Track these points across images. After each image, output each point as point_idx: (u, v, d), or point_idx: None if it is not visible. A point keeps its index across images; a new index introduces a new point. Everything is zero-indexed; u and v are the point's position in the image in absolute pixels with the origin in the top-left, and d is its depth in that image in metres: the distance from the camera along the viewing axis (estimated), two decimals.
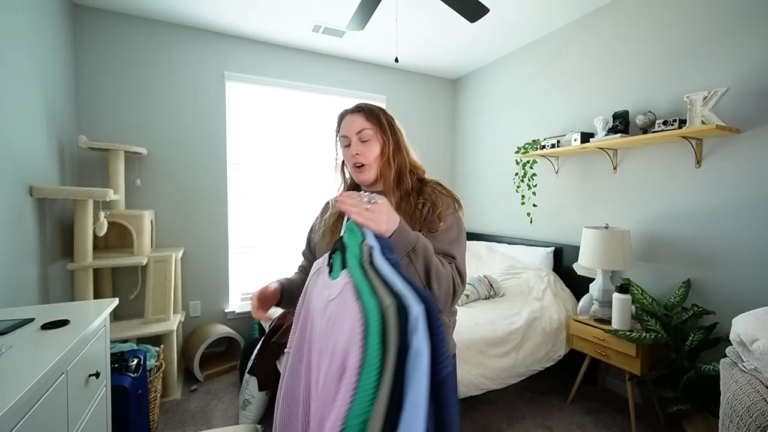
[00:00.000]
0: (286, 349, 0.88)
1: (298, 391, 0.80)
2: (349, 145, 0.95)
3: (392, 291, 0.59)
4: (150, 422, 1.94)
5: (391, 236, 0.75)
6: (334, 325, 0.66)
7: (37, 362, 0.94)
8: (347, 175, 1.06)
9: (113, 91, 2.60)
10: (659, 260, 2.19)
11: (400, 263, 0.69)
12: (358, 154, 0.93)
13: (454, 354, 1.05)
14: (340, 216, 1.00)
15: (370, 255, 0.68)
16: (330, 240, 0.99)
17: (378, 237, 0.71)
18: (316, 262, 0.86)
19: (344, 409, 0.53)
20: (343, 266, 0.72)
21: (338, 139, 0.99)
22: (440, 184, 1.01)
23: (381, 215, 0.73)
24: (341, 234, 0.76)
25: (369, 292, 0.61)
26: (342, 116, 0.98)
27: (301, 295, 0.85)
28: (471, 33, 2.90)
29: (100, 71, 2.56)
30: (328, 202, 1.10)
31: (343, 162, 1.03)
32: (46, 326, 1.17)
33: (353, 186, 1.07)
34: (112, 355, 1.76)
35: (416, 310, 0.55)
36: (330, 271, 0.76)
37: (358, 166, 0.94)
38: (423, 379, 0.50)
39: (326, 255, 0.81)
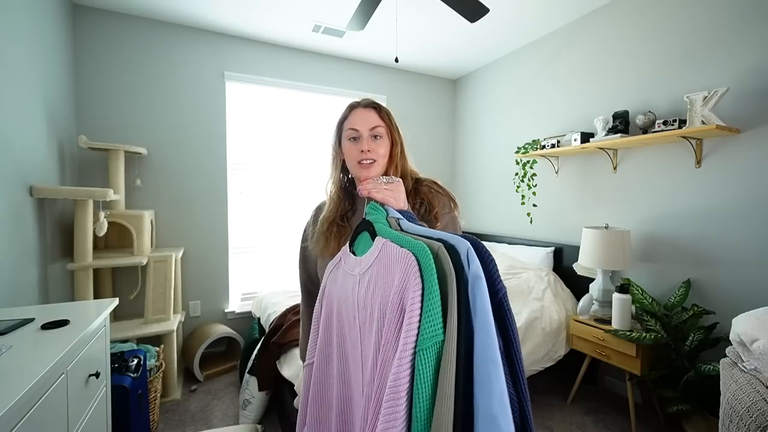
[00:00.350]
0: (306, 363, 0.86)
1: (331, 392, 0.79)
2: (356, 138, 0.91)
3: (434, 238, 0.65)
4: (150, 422, 1.94)
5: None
6: (378, 282, 0.68)
7: (37, 362, 0.93)
8: (340, 169, 1.00)
9: (113, 91, 2.60)
10: (659, 260, 2.19)
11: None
12: (369, 150, 0.90)
13: None
14: (333, 221, 0.97)
15: (398, 224, 0.74)
16: (324, 246, 0.96)
17: (401, 211, 0.78)
18: (329, 264, 0.86)
19: (413, 335, 0.56)
20: (373, 238, 0.76)
21: (343, 130, 0.94)
22: (436, 183, 0.99)
23: (400, 193, 0.80)
24: (364, 215, 0.80)
25: (411, 241, 0.66)
26: (352, 108, 0.95)
27: (318, 301, 0.85)
28: (471, 33, 2.90)
29: (100, 71, 2.56)
30: (319, 206, 1.07)
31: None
32: (46, 326, 1.17)
33: (348, 182, 1.03)
34: (112, 355, 1.76)
35: (465, 245, 0.61)
36: (355, 255, 0.79)
37: (367, 162, 0.90)
38: (486, 299, 0.56)
39: (345, 247, 0.83)
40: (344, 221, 0.98)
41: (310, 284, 1.11)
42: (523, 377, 0.61)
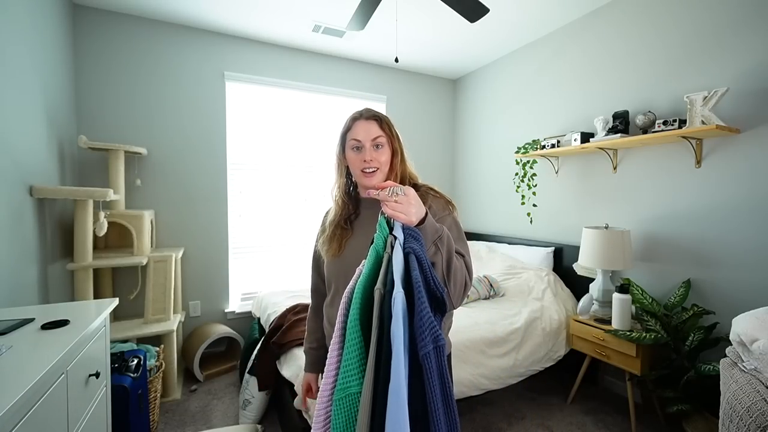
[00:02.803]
0: None
1: None
2: (359, 149, 0.96)
3: (389, 278, 0.63)
4: (150, 422, 1.94)
5: (420, 224, 0.79)
6: None
7: (37, 362, 0.94)
8: (344, 175, 1.06)
9: (113, 91, 2.60)
10: (659, 260, 2.19)
11: (423, 250, 0.73)
12: (372, 159, 0.95)
13: (449, 354, 1.05)
14: (337, 224, 1.03)
15: (392, 247, 0.72)
16: (328, 247, 1.01)
17: (405, 227, 0.75)
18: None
19: (330, 383, 0.56)
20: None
21: (347, 140, 0.99)
22: (432, 188, 1.03)
23: (410, 206, 0.77)
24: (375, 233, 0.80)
25: (365, 277, 0.66)
26: (354, 120, 0.99)
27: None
28: (471, 33, 2.90)
29: (100, 71, 2.56)
30: (328, 211, 1.11)
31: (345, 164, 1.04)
32: (46, 326, 1.17)
33: (352, 188, 1.08)
34: (112, 355, 1.76)
35: (396, 294, 0.58)
36: None
37: (370, 171, 0.96)
38: (399, 359, 0.51)
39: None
40: (348, 224, 1.03)
41: (322, 286, 1.15)
42: None
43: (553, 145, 2.62)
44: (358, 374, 0.55)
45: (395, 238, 0.74)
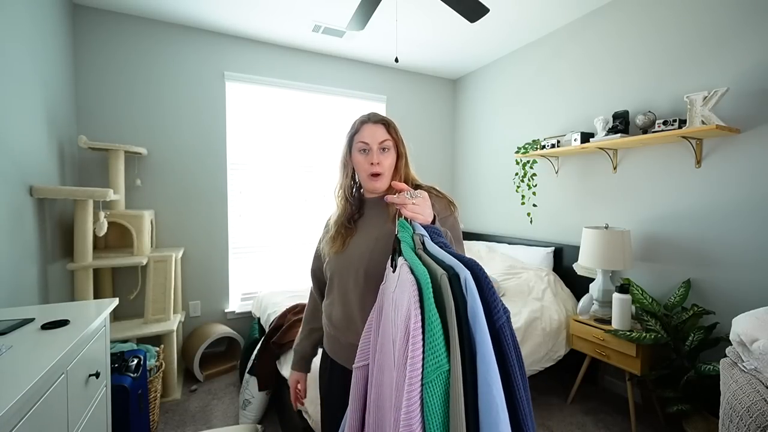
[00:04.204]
0: (358, 364, 0.86)
1: (390, 401, 0.79)
2: (366, 151, 0.99)
3: (443, 264, 0.67)
4: (150, 422, 1.94)
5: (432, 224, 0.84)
6: (397, 307, 0.70)
7: (37, 362, 0.94)
8: (350, 177, 1.07)
9: (113, 91, 2.60)
10: (659, 260, 2.19)
11: (448, 244, 0.78)
12: (378, 163, 0.98)
13: None
14: (342, 223, 1.05)
15: (422, 243, 0.77)
16: (331, 245, 1.04)
17: (426, 226, 0.81)
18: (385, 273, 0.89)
19: (418, 368, 0.58)
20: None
21: (354, 143, 1.02)
22: (435, 188, 1.05)
23: (426, 208, 0.83)
24: (396, 232, 0.84)
25: (420, 267, 0.69)
26: (363, 123, 1.01)
27: (374, 309, 0.88)
28: (471, 33, 2.90)
29: (100, 71, 2.56)
30: (332, 215, 1.14)
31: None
32: (46, 326, 1.17)
33: (356, 189, 1.10)
34: (112, 355, 1.76)
35: (464, 274, 0.63)
36: (393, 271, 0.83)
37: (375, 175, 0.99)
38: (484, 332, 0.57)
39: (388, 262, 0.88)
40: (351, 223, 1.06)
41: (319, 273, 1.18)
42: (523, 405, 0.61)
43: (553, 145, 2.62)
44: (445, 352, 0.58)
45: (422, 235, 0.79)
